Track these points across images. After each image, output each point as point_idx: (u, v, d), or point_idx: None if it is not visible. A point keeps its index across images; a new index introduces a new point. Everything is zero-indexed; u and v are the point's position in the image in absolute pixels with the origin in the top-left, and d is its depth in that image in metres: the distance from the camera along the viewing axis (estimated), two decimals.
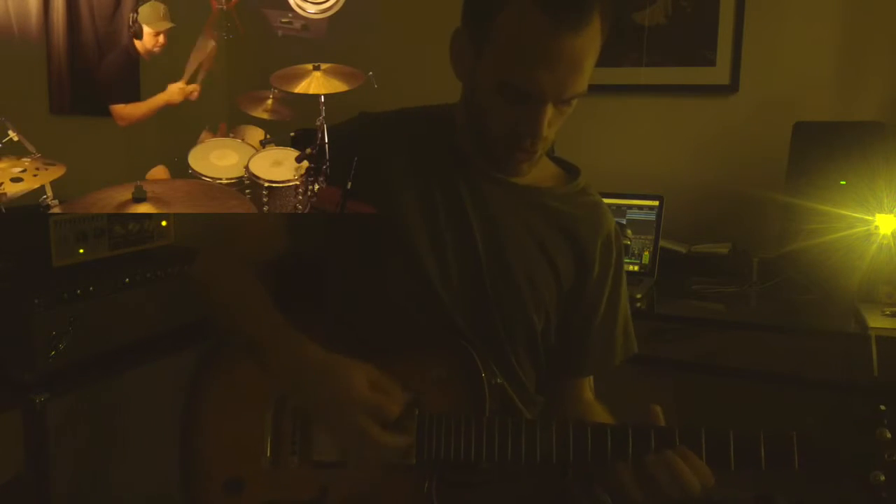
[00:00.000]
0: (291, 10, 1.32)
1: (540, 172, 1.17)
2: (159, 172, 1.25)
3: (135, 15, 1.21)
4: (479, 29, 1.01)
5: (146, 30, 1.23)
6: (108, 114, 1.35)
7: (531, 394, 1.18)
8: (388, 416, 0.99)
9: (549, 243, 1.14)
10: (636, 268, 2.10)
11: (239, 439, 1.12)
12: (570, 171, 1.23)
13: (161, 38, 1.24)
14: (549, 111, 1.00)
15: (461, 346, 1.07)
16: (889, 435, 0.92)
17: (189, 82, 1.31)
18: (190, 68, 1.28)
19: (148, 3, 1.21)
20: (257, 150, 1.25)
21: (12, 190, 1.00)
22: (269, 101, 1.33)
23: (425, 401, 1.05)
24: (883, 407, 0.93)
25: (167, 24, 1.24)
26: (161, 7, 1.23)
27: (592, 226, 1.18)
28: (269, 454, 1.10)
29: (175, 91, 1.30)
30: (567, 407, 1.21)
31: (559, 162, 1.24)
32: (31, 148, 1.06)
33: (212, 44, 1.24)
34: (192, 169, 1.23)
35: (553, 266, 1.14)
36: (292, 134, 1.36)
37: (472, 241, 1.11)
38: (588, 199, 1.20)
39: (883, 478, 0.91)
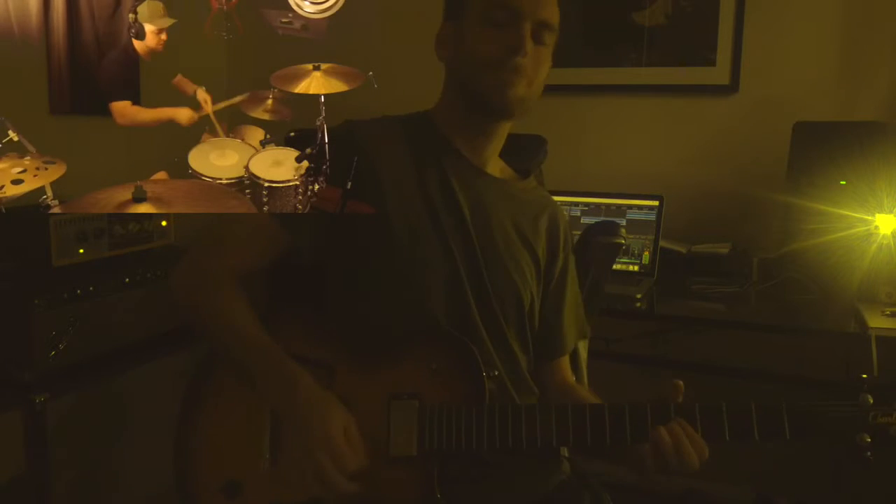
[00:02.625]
0: (291, 10, 1.32)
1: (503, 170, 1.27)
2: (161, 178, 1.25)
3: (134, 16, 1.21)
4: None
5: (148, 28, 1.23)
6: (109, 113, 1.35)
7: (529, 382, 1.21)
8: (347, 465, 1.00)
9: (526, 228, 1.22)
10: (636, 268, 2.10)
11: (237, 441, 1.12)
12: (520, 172, 1.32)
13: (164, 36, 1.24)
14: (528, 30, 1.09)
15: (460, 340, 1.09)
16: (871, 399, 0.98)
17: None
18: (220, 107, 1.29)
19: (145, 3, 1.21)
20: (257, 150, 1.25)
21: (13, 192, 1.00)
22: (269, 101, 1.33)
23: (426, 393, 1.06)
24: (864, 375, 1.01)
25: (169, 21, 1.24)
26: (159, 5, 1.23)
27: (553, 215, 1.28)
28: (267, 455, 1.10)
29: (185, 116, 1.30)
30: (553, 393, 1.25)
31: (510, 165, 1.31)
32: (31, 148, 1.06)
33: (245, 96, 1.26)
34: (192, 169, 1.22)
35: (531, 248, 1.22)
36: (292, 134, 1.36)
37: (466, 227, 1.15)
38: (543, 193, 1.32)
39: (868, 438, 0.97)
